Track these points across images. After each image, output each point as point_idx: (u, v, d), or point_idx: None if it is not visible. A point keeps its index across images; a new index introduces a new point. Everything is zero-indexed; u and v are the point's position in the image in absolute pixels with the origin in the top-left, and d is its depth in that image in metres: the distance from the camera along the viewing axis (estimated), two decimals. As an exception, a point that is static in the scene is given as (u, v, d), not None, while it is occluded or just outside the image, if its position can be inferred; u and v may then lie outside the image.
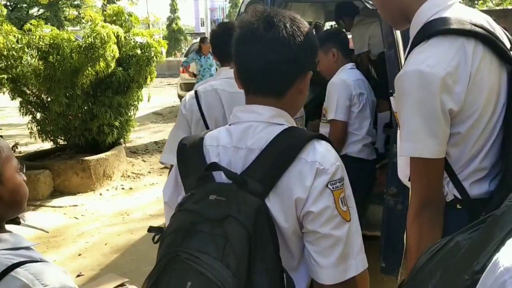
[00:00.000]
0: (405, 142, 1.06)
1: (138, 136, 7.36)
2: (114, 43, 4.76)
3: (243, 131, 0.98)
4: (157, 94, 10.34)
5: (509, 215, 0.67)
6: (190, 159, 1.01)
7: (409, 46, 1.12)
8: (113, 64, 4.84)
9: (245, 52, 0.99)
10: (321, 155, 0.92)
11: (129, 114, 5.53)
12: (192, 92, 1.87)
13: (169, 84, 15.68)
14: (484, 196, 1.06)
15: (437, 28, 1.02)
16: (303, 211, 0.89)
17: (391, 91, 1.34)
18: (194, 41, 20.53)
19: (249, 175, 0.90)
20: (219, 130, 1.04)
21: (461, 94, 1.00)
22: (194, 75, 7.74)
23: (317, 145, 0.93)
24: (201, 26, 51.13)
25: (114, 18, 5.38)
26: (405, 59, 1.10)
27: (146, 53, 5.11)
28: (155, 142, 7.04)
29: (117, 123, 5.26)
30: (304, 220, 0.90)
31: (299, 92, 1.01)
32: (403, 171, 1.17)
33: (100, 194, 4.83)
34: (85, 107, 5.08)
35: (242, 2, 2.84)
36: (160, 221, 3.99)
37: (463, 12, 1.07)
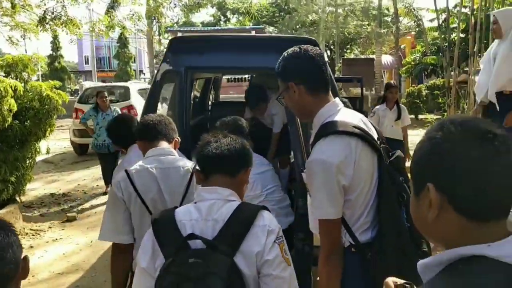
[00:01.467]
0: (315, 209, 1.53)
1: (30, 187, 6.92)
2: (11, 97, 4.64)
3: (209, 207, 1.33)
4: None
5: None
6: (166, 232, 1.31)
7: (312, 139, 1.61)
8: (9, 119, 4.68)
9: (206, 146, 1.43)
10: (268, 220, 1.33)
11: (25, 167, 5.29)
12: (123, 173, 1.90)
13: (57, 128, 14.76)
14: (369, 241, 1.55)
15: (330, 130, 1.52)
16: (262, 260, 1.28)
17: (302, 169, 1.79)
18: (85, 84, 19.78)
19: (219, 240, 1.25)
20: (188, 207, 1.38)
21: (350, 175, 1.49)
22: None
23: (264, 213, 1.34)
24: (85, 63, 49.05)
25: (8, 69, 5.21)
26: (311, 148, 1.58)
27: (46, 106, 5.04)
28: (51, 194, 6.72)
29: (12, 178, 5.00)
30: (261, 267, 1.28)
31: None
32: (315, 225, 1.61)
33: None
34: (-24, 163, 4.77)
35: (158, 71, 3.13)
36: (71, 279, 3.93)
37: (347, 116, 1.60)
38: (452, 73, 5.76)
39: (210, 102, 6.02)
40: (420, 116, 15.77)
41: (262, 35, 6.11)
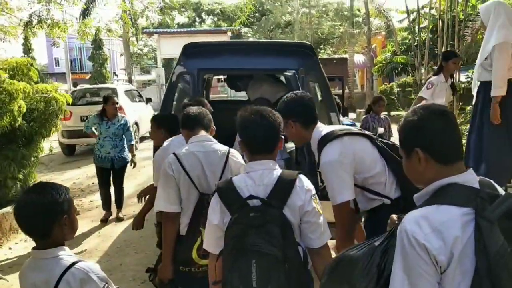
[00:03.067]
0: (334, 197, 2.12)
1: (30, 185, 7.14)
2: (21, 99, 4.93)
3: (260, 175, 1.74)
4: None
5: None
6: (229, 195, 1.71)
7: (317, 147, 2.21)
8: (19, 119, 4.97)
9: (252, 130, 1.80)
10: (305, 181, 1.77)
11: (31, 165, 5.57)
12: (173, 156, 2.28)
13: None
14: (399, 196, 2.20)
15: (329, 138, 2.16)
16: (303, 211, 1.71)
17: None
18: (80, 87, 19.63)
19: (271, 199, 1.66)
20: (242, 176, 1.77)
21: (353, 160, 2.15)
22: None
23: (301, 177, 1.79)
24: (56, 65, 48.08)
25: (13, 72, 5.48)
26: (318, 155, 2.17)
27: (52, 107, 5.34)
28: (50, 192, 6.95)
29: (20, 176, 5.28)
30: (303, 216, 1.72)
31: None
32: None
33: (10, 248, 4.79)
34: (-13, 162, 5.02)
35: (173, 73, 3.57)
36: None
37: (331, 128, 2.29)
38: (423, 71, 6.38)
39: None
40: (393, 113, 16.60)
41: (264, 40, 6.59)
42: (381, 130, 5.19)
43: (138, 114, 10.97)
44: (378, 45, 24.30)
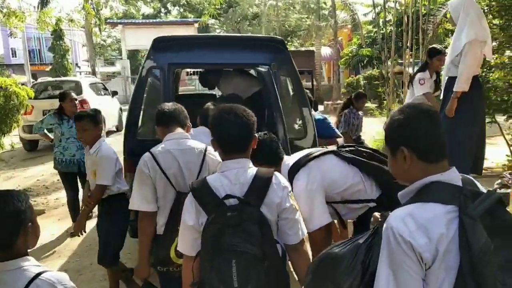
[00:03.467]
0: (309, 222, 2.18)
1: (-12, 184, 6.83)
2: (-23, 93, 4.68)
3: (235, 174, 1.71)
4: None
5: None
6: (204, 195, 1.66)
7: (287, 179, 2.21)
8: (-24, 114, 4.72)
9: (226, 129, 1.76)
10: (281, 178, 1.77)
11: (-9, 164, 5.31)
12: (148, 154, 2.25)
13: None
14: (381, 194, 2.35)
15: (296, 168, 2.28)
16: (280, 208, 1.71)
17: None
18: (17, 77, 18.72)
19: (248, 196, 1.65)
20: (217, 176, 1.73)
21: (321, 180, 2.27)
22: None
23: (277, 174, 1.77)
24: (13, 56, 45.88)
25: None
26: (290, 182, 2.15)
27: (12, 102, 5.11)
28: (11, 190, 6.66)
29: (-21, 174, 5.03)
30: (281, 213, 1.71)
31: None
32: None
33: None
34: None
35: (142, 67, 3.48)
36: (55, 265, 4.13)
37: (297, 155, 2.40)
38: (389, 63, 6.53)
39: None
40: (359, 105, 16.95)
41: (236, 35, 6.50)
42: (340, 141, 5.02)
43: (104, 108, 10.65)
44: (344, 38, 24.65)
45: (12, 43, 41.58)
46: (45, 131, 4.85)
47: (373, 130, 8.25)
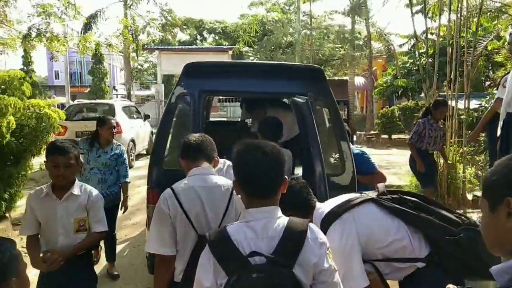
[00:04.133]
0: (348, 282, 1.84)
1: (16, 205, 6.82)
2: (11, 115, 4.67)
3: (263, 226, 1.42)
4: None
5: None
6: (225, 250, 1.38)
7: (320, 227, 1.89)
8: (8, 136, 4.70)
9: (251, 168, 1.48)
10: (317, 232, 1.48)
11: (18, 184, 5.28)
12: (169, 190, 2.02)
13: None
14: (429, 252, 2.01)
15: (330, 220, 1.97)
16: (318, 269, 1.41)
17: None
18: (58, 98, 19.32)
19: (278, 255, 1.36)
20: (240, 227, 1.44)
21: (360, 241, 1.97)
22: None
23: (312, 226, 1.48)
24: (56, 78, 48.06)
25: (4, 86, 5.24)
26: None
27: (43, 123, 5.08)
28: (38, 212, 6.63)
29: (6, 195, 4.99)
30: (318, 275, 1.41)
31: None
32: None
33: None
34: (-29, 180, 4.74)
35: (173, 93, 3.32)
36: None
37: (331, 203, 2.08)
38: (433, 97, 6.18)
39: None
40: (394, 136, 16.43)
41: (271, 62, 6.42)
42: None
43: (135, 131, 10.73)
44: (378, 68, 24.37)
45: (56, 66, 43.64)
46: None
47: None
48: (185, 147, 2.18)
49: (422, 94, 20.69)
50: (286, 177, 1.53)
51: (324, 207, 2.06)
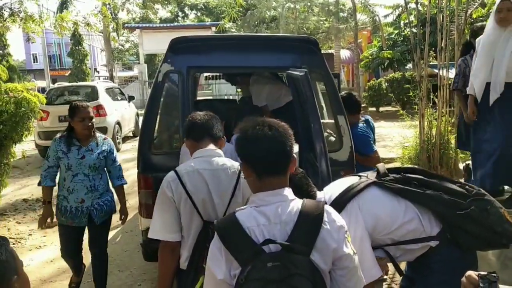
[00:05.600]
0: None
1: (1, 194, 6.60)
2: (-14, 100, 4.42)
3: (275, 211, 1.33)
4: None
5: None
6: (236, 239, 1.30)
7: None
8: (-15, 122, 4.46)
9: (259, 145, 1.37)
10: (335, 215, 1.38)
11: (1, 173, 5.06)
12: (173, 173, 1.91)
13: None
14: (440, 230, 1.91)
15: (338, 208, 1.73)
16: (337, 255, 1.33)
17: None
18: (37, 82, 18.71)
19: (293, 241, 1.27)
20: (251, 212, 1.35)
21: (367, 229, 1.86)
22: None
23: (328, 209, 1.39)
24: (34, 62, 46.64)
25: (-23, 71, 4.95)
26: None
27: (23, 108, 4.84)
28: (24, 200, 6.45)
29: (-12, 185, 4.78)
30: (338, 260, 1.33)
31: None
32: None
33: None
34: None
35: (159, 71, 3.13)
36: (65, 284, 3.82)
37: (330, 190, 1.96)
38: (424, 66, 6.07)
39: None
40: (381, 109, 16.42)
41: (262, 34, 6.18)
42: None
43: (121, 113, 10.47)
44: (364, 40, 24.17)
45: (33, 49, 42.24)
46: (49, 181, 3.11)
47: (399, 136, 7.80)
48: (189, 126, 2.05)
49: (408, 66, 20.69)
50: (294, 155, 1.44)
51: (325, 197, 1.92)
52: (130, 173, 7.38)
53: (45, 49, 26.78)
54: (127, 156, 8.32)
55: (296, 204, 1.37)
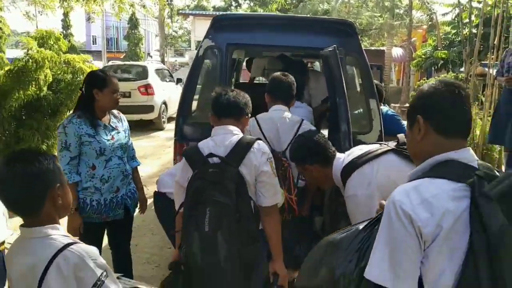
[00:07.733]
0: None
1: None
2: (47, 68, 4.82)
3: (221, 138, 1.94)
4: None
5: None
6: (193, 155, 1.93)
7: (341, 180, 2.08)
8: (45, 88, 4.87)
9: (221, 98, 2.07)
10: (262, 146, 1.96)
11: (55, 137, 5.50)
12: (254, 119, 2.60)
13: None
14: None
15: (351, 168, 2.02)
16: (258, 170, 1.89)
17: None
18: (95, 62, 19.76)
19: (229, 157, 1.86)
20: (206, 140, 1.98)
21: (390, 184, 1.85)
22: None
23: (259, 141, 1.96)
24: (93, 43, 48.96)
25: (42, 41, 5.39)
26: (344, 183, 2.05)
27: (78, 78, 5.22)
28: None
29: (44, 147, 5.22)
30: (258, 176, 1.90)
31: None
32: None
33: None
34: (11, 130, 4.98)
35: (200, 46, 3.31)
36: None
37: (352, 153, 2.11)
38: (472, 65, 5.89)
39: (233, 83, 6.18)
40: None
41: (301, 16, 6.24)
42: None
43: (168, 94, 10.86)
44: (418, 39, 23.35)
45: (93, 31, 44.36)
46: (75, 175, 2.47)
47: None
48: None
49: (463, 68, 19.79)
50: (249, 114, 2.12)
51: (344, 157, 2.11)
52: (171, 150, 7.75)
53: (103, 32, 28.13)
54: (171, 135, 8.67)
55: (238, 137, 1.94)
